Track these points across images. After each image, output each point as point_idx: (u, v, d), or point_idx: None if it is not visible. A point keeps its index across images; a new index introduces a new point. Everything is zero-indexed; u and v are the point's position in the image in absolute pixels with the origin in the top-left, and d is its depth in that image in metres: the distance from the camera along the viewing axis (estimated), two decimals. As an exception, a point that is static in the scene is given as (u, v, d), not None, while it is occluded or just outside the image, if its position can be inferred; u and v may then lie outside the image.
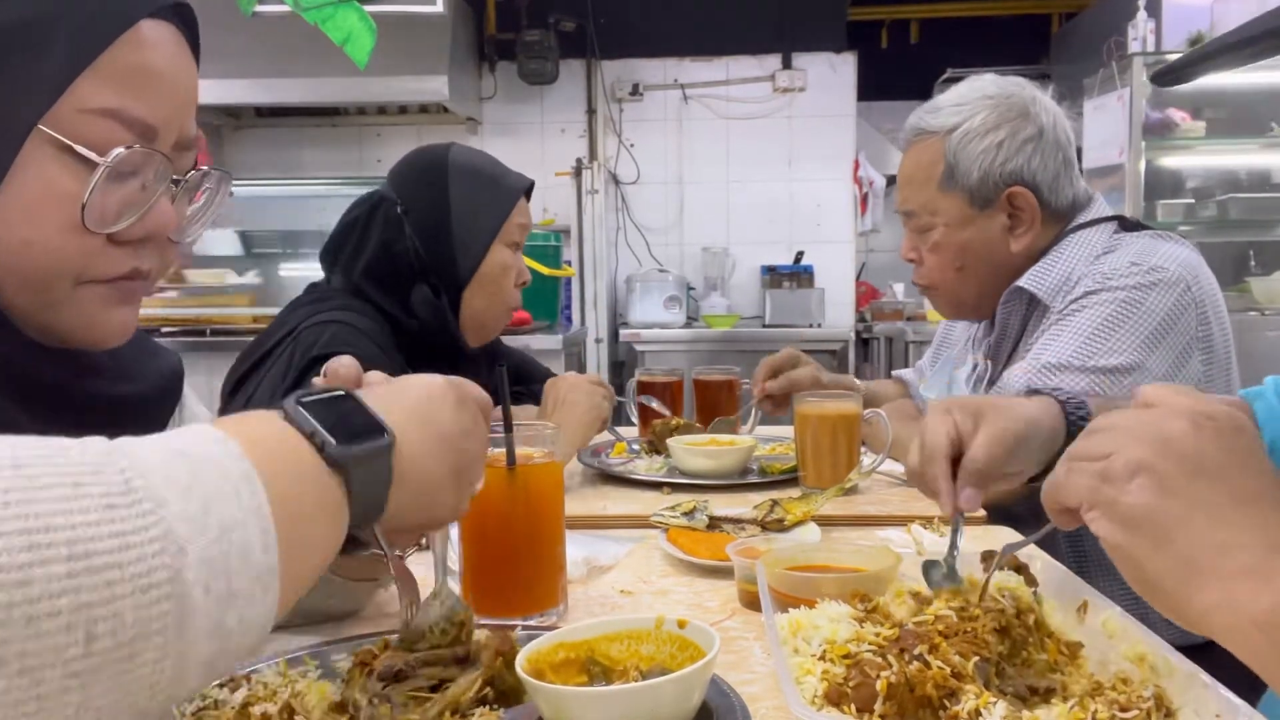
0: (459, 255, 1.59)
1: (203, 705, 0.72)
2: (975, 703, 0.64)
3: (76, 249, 0.71)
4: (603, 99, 4.70)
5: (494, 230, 1.62)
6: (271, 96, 4.32)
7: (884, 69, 5.20)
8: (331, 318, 1.48)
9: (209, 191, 0.84)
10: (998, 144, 1.49)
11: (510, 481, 0.96)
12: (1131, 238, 1.51)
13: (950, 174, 1.51)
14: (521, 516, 0.96)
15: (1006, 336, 1.61)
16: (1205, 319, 1.43)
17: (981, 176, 1.49)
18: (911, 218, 1.58)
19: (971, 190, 1.50)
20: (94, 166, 0.69)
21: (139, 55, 0.72)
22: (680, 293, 4.39)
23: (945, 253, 1.55)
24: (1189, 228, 3.97)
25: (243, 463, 0.51)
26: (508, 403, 1.05)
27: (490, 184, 1.65)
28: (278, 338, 1.49)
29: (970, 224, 1.52)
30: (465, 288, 1.60)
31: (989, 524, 1.32)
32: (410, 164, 1.67)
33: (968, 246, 1.54)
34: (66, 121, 0.69)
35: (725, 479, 1.55)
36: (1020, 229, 1.52)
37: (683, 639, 0.73)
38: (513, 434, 0.97)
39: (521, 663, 0.68)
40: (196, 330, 3.63)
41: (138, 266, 0.76)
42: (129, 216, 0.73)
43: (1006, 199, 1.50)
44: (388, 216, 1.59)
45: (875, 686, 0.66)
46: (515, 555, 0.96)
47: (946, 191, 1.52)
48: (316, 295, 1.61)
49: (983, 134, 1.49)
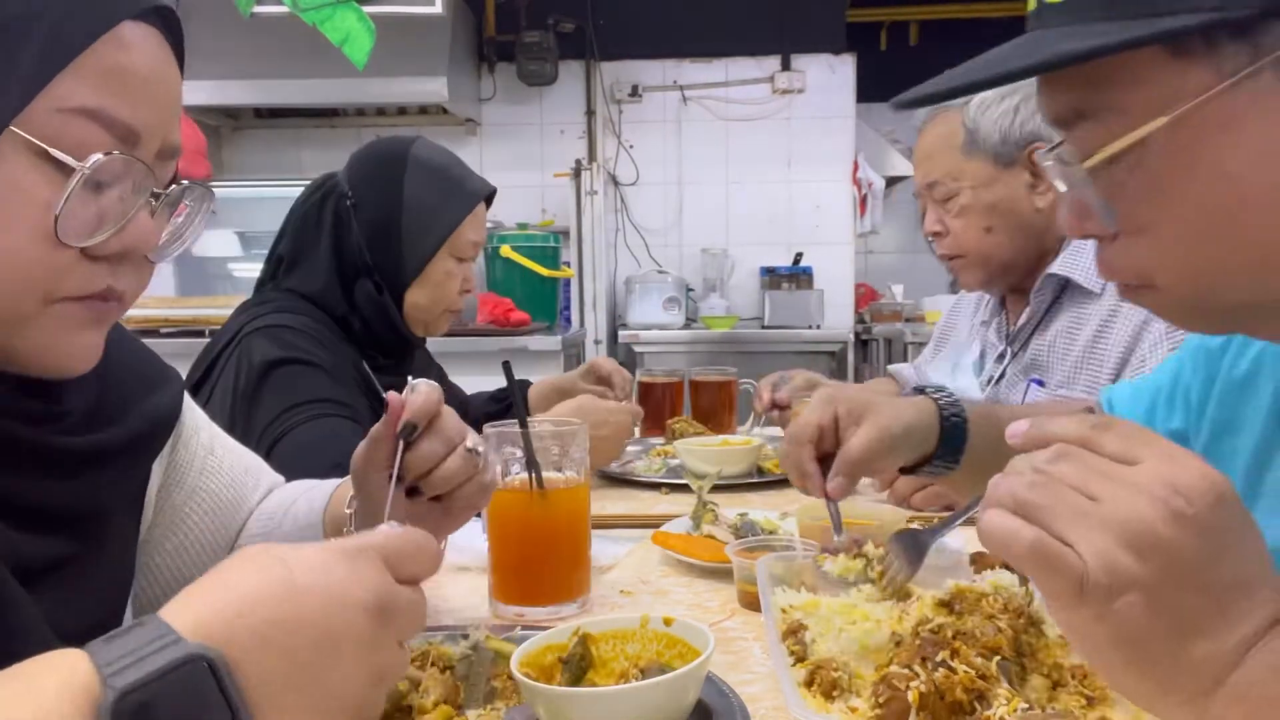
0: (405, 255, 1.55)
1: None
2: (1006, 707, 0.64)
3: (47, 262, 0.65)
4: (602, 100, 4.70)
5: (443, 237, 1.56)
6: (270, 97, 4.32)
7: (883, 70, 5.20)
8: (270, 321, 1.46)
9: (190, 208, 0.78)
10: (1014, 108, 1.55)
11: (540, 505, 0.96)
12: None
13: (972, 139, 1.57)
14: (549, 536, 0.97)
15: (1030, 321, 1.63)
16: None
17: (1002, 137, 1.55)
18: (935, 188, 1.63)
19: (994, 151, 1.56)
20: (70, 172, 0.64)
21: (121, 56, 0.68)
22: (679, 294, 4.39)
23: (973, 214, 1.59)
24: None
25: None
26: (518, 398, 1.05)
27: (448, 186, 1.59)
28: (221, 345, 1.48)
29: (996, 183, 1.57)
30: (408, 287, 1.57)
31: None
32: (368, 155, 1.63)
33: (995, 206, 1.58)
34: (42, 122, 0.64)
35: (732, 480, 1.55)
36: (1043, 186, 1.56)
37: (671, 637, 0.73)
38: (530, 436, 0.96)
39: (516, 665, 0.68)
40: (195, 331, 3.63)
41: (112, 285, 0.70)
42: (107, 229, 0.67)
43: (1028, 156, 1.54)
44: (337, 210, 1.56)
45: (908, 699, 0.66)
46: (542, 566, 0.97)
47: (970, 156, 1.58)
48: (261, 297, 1.58)
49: (999, 100, 1.56)
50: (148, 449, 0.88)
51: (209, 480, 0.98)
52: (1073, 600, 0.54)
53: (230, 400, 1.39)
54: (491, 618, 0.97)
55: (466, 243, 1.60)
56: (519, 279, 3.91)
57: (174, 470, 0.94)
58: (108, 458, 0.79)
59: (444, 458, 0.83)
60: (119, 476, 0.83)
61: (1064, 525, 0.54)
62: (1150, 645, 0.53)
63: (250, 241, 4.26)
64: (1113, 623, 0.53)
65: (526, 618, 0.95)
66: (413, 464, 0.82)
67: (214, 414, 1.07)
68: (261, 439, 1.31)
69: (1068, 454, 0.57)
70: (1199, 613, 0.53)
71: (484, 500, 0.88)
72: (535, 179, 4.62)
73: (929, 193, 1.64)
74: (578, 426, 1.00)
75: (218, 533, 0.98)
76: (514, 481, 0.97)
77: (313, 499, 0.97)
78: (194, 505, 0.96)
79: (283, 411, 1.33)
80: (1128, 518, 0.53)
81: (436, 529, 0.88)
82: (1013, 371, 1.65)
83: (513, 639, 0.79)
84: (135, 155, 0.69)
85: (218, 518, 0.98)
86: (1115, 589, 0.52)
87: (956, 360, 1.78)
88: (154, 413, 0.87)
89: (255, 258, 4.27)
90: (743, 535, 1.14)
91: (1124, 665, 0.55)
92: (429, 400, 0.82)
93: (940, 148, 1.61)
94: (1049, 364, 1.58)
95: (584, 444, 1.00)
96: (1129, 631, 0.53)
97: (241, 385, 1.38)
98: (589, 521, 1.01)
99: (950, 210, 1.61)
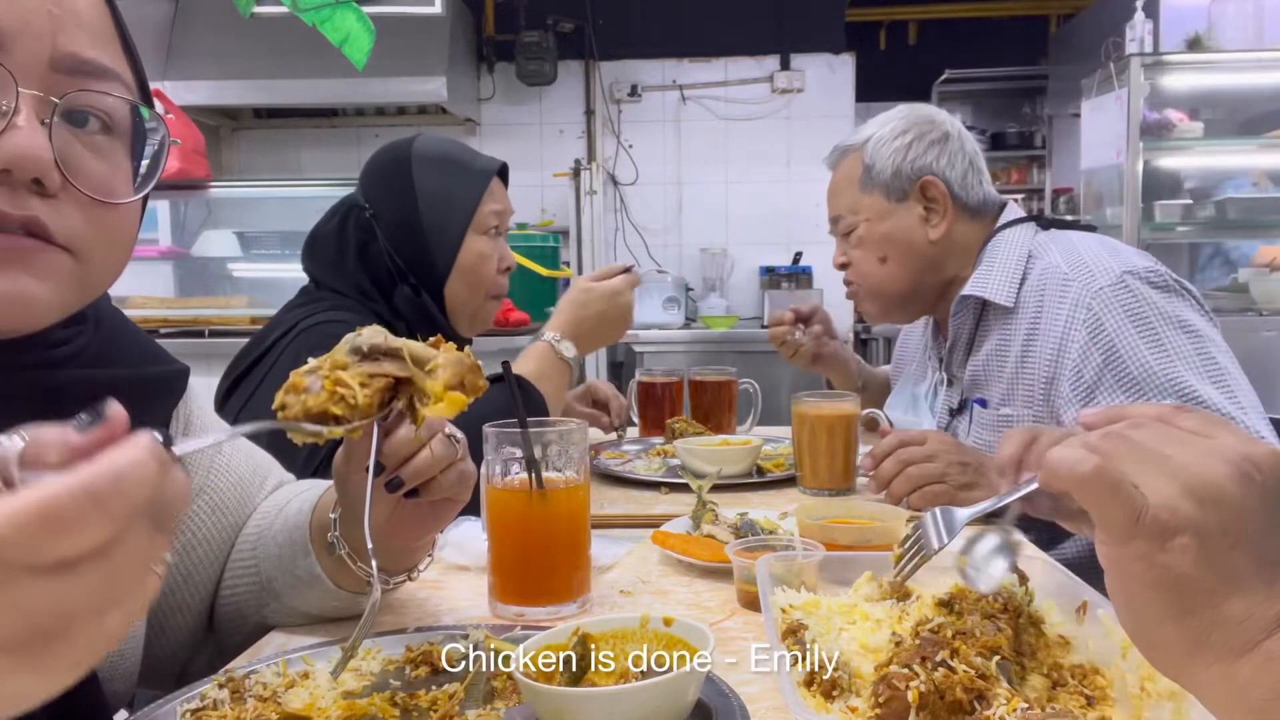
0: (434, 250, 1.55)
1: (202, 705, 0.72)
2: (1006, 706, 0.64)
3: None
4: (601, 100, 4.70)
5: (465, 220, 1.56)
6: (270, 98, 4.32)
7: (882, 70, 5.21)
8: (329, 316, 1.47)
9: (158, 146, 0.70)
10: (907, 144, 1.64)
11: (540, 504, 0.96)
12: (1060, 235, 1.61)
13: (868, 174, 1.66)
14: (549, 536, 0.97)
15: (958, 346, 1.67)
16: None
17: (894, 171, 1.63)
18: (838, 223, 1.72)
19: (887, 185, 1.64)
20: None
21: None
22: (679, 293, 4.39)
23: (868, 246, 1.68)
24: (1186, 228, 3.98)
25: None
26: (518, 398, 1.05)
27: (457, 171, 1.59)
28: (275, 336, 1.48)
29: (890, 216, 1.65)
30: (445, 282, 1.57)
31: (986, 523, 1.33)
32: (375, 164, 1.63)
33: (889, 236, 1.65)
34: None
35: (732, 480, 1.55)
36: (935, 218, 1.64)
37: (671, 637, 0.73)
38: (530, 436, 0.96)
39: (516, 665, 0.68)
40: (195, 331, 3.63)
41: (7, 211, 0.62)
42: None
43: (920, 189, 1.63)
44: (359, 223, 1.56)
45: (907, 698, 0.66)
46: (541, 566, 0.97)
47: (866, 191, 1.66)
48: (310, 297, 1.59)
49: (893, 138, 1.65)
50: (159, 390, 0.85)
51: (216, 479, 0.98)
52: (1125, 533, 0.54)
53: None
54: (491, 618, 0.97)
55: (490, 214, 1.59)
56: (518, 279, 3.87)
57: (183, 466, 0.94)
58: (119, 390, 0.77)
59: (424, 443, 0.81)
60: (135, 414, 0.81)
61: (1131, 466, 0.55)
62: (1192, 594, 0.53)
63: (250, 242, 4.25)
64: (1160, 563, 0.53)
65: (526, 618, 0.95)
66: (391, 450, 0.80)
67: (261, 402, 1.06)
68: None
69: (1144, 424, 0.58)
70: (1246, 573, 0.53)
71: (465, 491, 0.87)
72: (535, 179, 4.62)
73: (833, 228, 1.73)
74: (577, 426, 1.00)
75: (222, 531, 0.98)
76: (514, 481, 0.97)
77: (305, 500, 0.97)
78: (200, 503, 0.96)
79: None
80: (1197, 470, 0.54)
81: (421, 526, 0.88)
82: (958, 397, 1.67)
83: (513, 639, 0.79)
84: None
85: (223, 516, 0.98)
86: (1170, 529, 0.53)
87: (912, 392, 1.81)
88: (156, 376, 0.85)
89: (255, 258, 4.28)
90: (743, 535, 1.14)
91: (1160, 612, 0.55)
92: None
93: (842, 185, 1.71)
94: (987, 383, 1.60)
95: (584, 444, 1.00)
96: (1174, 577, 0.53)
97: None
98: (589, 521, 1.01)
99: (852, 243, 1.70)
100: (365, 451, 0.80)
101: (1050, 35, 5.58)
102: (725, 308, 4.54)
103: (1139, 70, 3.74)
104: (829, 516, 1.15)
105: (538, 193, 4.65)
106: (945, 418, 1.68)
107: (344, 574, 0.90)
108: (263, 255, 4.36)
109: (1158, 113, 3.85)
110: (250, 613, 0.97)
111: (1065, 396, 1.44)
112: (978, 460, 1.36)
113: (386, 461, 0.81)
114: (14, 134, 0.61)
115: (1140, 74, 3.74)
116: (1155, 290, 1.43)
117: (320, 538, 0.91)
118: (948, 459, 1.35)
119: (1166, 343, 1.38)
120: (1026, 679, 0.73)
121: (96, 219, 0.67)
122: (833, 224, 1.73)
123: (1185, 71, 3.88)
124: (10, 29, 0.61)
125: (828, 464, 1.47)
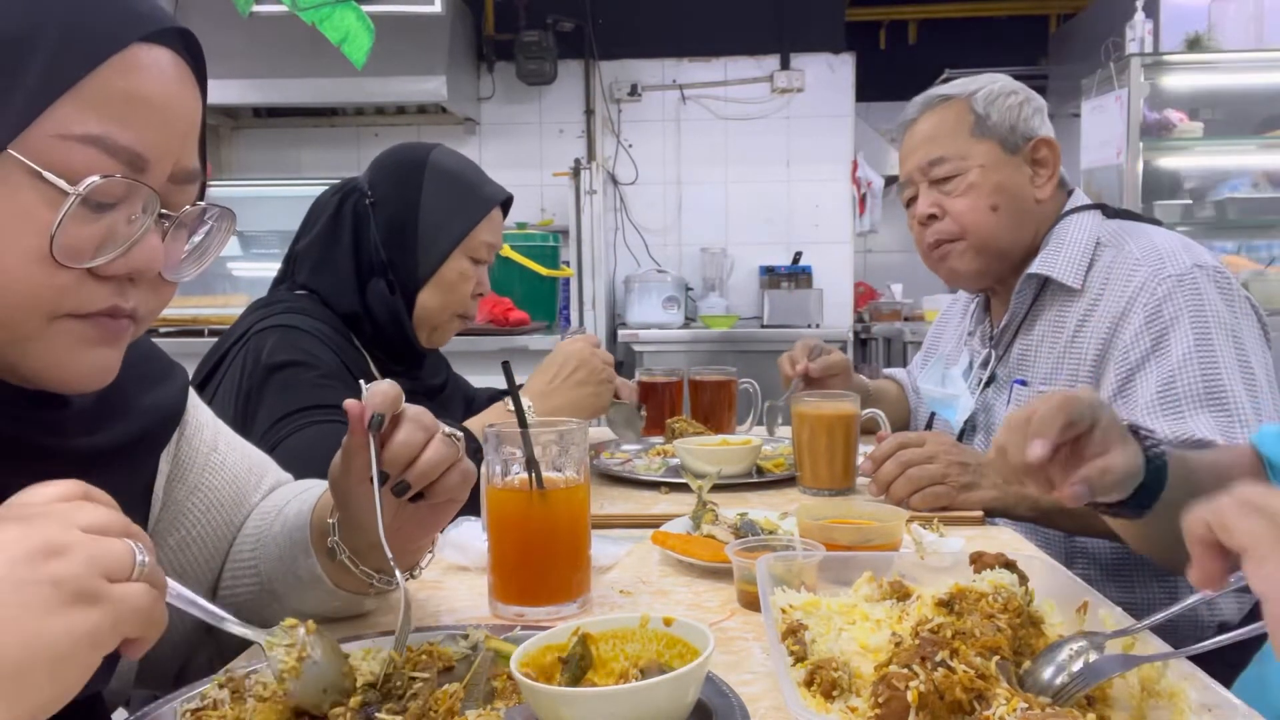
0: (419, 255, 1.58)
1: (202, 705, 0.72)
2: (1006, 706, 0.64)
3: (47, 281, 0.66)
4: (601, 99, 4.70)
5: (458, 238, 1.60)
6: (269, 97, 4.32)
7: (882, 70, 5.21)
8: (279, 321, 1.47)
9: (210, 228, 0.79)
10: (1020, 102, 1.63)
11: (540, 504, 0.96)
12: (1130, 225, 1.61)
13: (981, 123, 1.62)
14: (549, 536, 0.97)
15: (1011, 324, 1.66)
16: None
17: (1011, 126, 1.61)
18: (938, 166, 1.63)
19: (1003, 137, 1.61)
20: (67, 195, 0.65)
21: (129, 80, 0.68)
22: (679, 293, 4.39)
23: (980, 193, 1.61)
24: (1186, 228, 3.98)
25: None
26: (517, 398, 1.05)
27: (465, 191, 1.63)
28: (230, 342, 1.50)
29: (1004, 166, 1.62)
30: (420, 289, 1.59)
31: (985, 524, 1.33)
32: (390, 157, 1.67)
33: (1003, 186, 1.61)
34: (42, 147, 0.65)
35: (731, 480, 1.55)
36: (1042, 179, 1.63)
37: (671, 637, 0.73)
38: (530, 436, 0.96)
39: (516, 665, 0.68)
40: (194, 330, 3.63)
41: (119, 304, 0.71)
42: (109, 251, 0.68)
43: (1031, 149, 1.62)
44: (356, 208, 1.59)
45: (907, 698, 0.66)
46: (541, 566, 0.97)
47: (979, 138, 1.62)
48: (270, 298, 1.61)
49: (1007, 94, 1.63)
50: (153, 444, 0.88)
51: (211, 477, 0.98)
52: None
53: (235, 398, 1.40)
54: (491, 618, 0.97)
55: (481, 244, 1.63)
56: (518, 278, 3.91)
57: (178, 465, 0.95)
58: (113, 455, 0.80)
59: (424, 445, 0.82)
60: (125, 472, 0.83)
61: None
62: None
63: (250, 241, 4.25)
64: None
65: (526, 618, 0.95)
66: (394, 455, 0.81)
67: (220, 410, 1.08)
68: (261, 442, 1.32)
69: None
70: None
71: (464, 490, 0.87)
72: (534, 178, 4.62)
73: (928, 173, 1.64)
74: (577, 426, 1.00)
75: (218, 529, 0.99)
76: (514, 481, 0.97)
77: (304, 500, 0.97)
78: (195, 501, 0.96)
79: (281, 417, 1.34)
80: None
81: (422, 526, 0.88)
82: (1001, 374, 1.67)
83: (513, 639, 0.79)
84: (142, 180, 0.69)
85: (219, 514, 0.98)
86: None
87: (945, 370, 1.80)
88: (158, 408, 0.88)
89: (255, 257, 4.28)
90: (743, 535, 1.13)
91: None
92: (388, 395, 0.81)
93: (946, 130, 1.64)
94: (1034, 364, 1.60)
95: (584, 444, 1.00)
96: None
97: (246, 385, 1.40)
98: (589, 521, 1.01)
99: (952, 191, 1.62)
100: (365, 463, 0.80)
101: (1050, 35, 5.58)
102: (725, 307, 4.54)
103: (1139, 70, 3.74)
104: (829, 516, 1.15)
105: (537, 192, 4.64)
106: (977, 391, 1.68)
107: (345, 575, 0.91)
108: (262, 254, 4.36)
109: (1158, 113, 3.85)
110: (250, 613, 0.97)
111: (1108, 377, 1.45)
112: (977, 460, 1.37)
113: (389, 468, 0.81)
114: (144, 247, 0.70)
115: (1140, 74, 3.74)
116: (1219, 292, 1.44)
117: (320, 539, 0.91)
118: (948, 460, 1.35)
119: (1214, 342, 1.39)
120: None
121: (163, 293, 0.76)
122: (925, 169, 1.65)
123: (1185, 71, 3.88)
124: (153, 151, 0.70)
125: (828, 464, 1.47)
